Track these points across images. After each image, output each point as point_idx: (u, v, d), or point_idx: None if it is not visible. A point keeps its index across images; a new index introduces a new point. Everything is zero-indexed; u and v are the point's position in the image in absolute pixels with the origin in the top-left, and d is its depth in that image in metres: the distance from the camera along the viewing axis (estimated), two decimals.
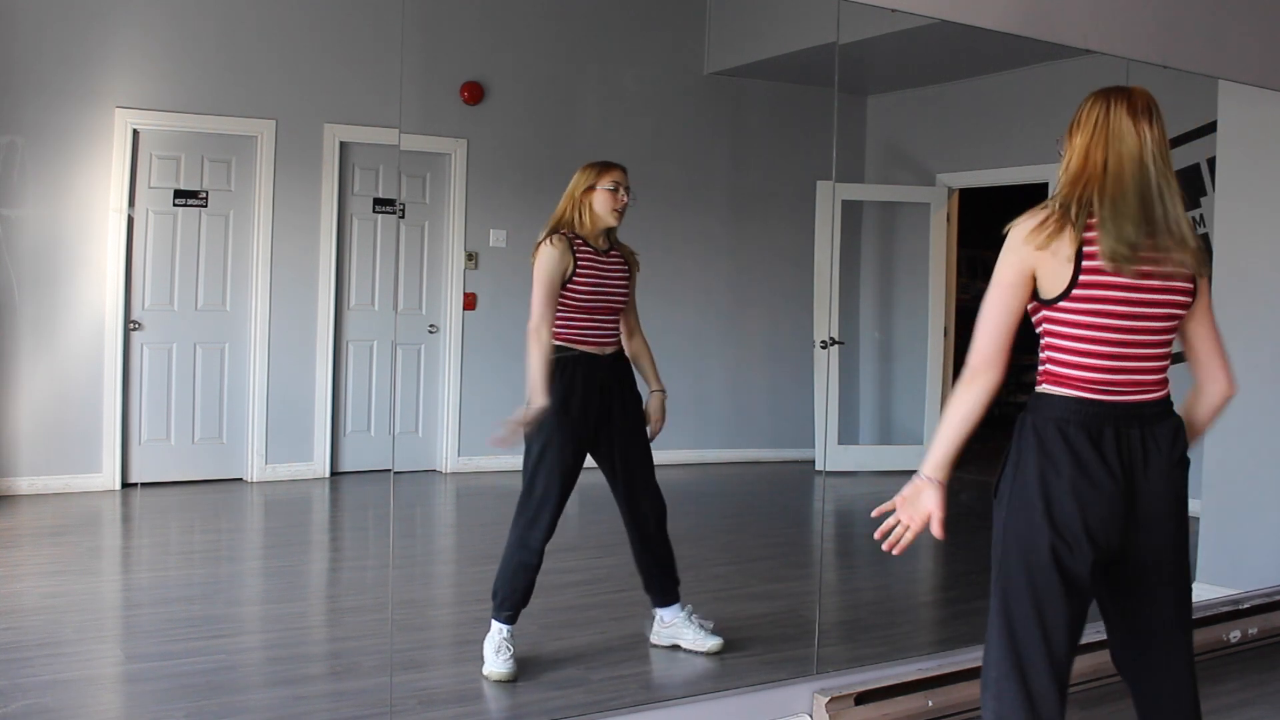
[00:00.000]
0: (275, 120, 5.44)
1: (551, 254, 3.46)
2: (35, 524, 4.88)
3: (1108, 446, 2.15)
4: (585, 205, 3.52)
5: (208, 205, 5.32)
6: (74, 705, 3.14)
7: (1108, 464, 2.14)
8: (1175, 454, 2.21)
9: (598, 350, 3.51)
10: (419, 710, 3.16)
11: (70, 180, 5.08)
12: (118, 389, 5.06)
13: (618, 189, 3.52)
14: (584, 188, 3.53)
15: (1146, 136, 2.17)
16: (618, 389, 3.56)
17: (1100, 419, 2.16)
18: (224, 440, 5.35)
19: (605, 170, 3.53)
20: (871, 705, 3.41)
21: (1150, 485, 2.17)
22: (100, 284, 5.11)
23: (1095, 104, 2.22)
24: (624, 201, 3.52)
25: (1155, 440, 2.19)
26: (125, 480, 5.06)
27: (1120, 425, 2.16)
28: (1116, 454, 2.15)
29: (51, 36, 5.00)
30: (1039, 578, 2.17)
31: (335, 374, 5.57)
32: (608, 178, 3.52)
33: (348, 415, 5.57)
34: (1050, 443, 2.16)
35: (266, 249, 5.42)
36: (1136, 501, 2.17)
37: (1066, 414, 2.15)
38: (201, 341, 5.31)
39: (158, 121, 5.20)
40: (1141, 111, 2.19)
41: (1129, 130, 2.17)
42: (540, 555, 3.44)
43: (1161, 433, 2.20)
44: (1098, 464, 2.14)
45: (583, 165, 3.57)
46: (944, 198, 6.41)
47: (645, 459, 3.64)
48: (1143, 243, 2.13)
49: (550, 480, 3.43)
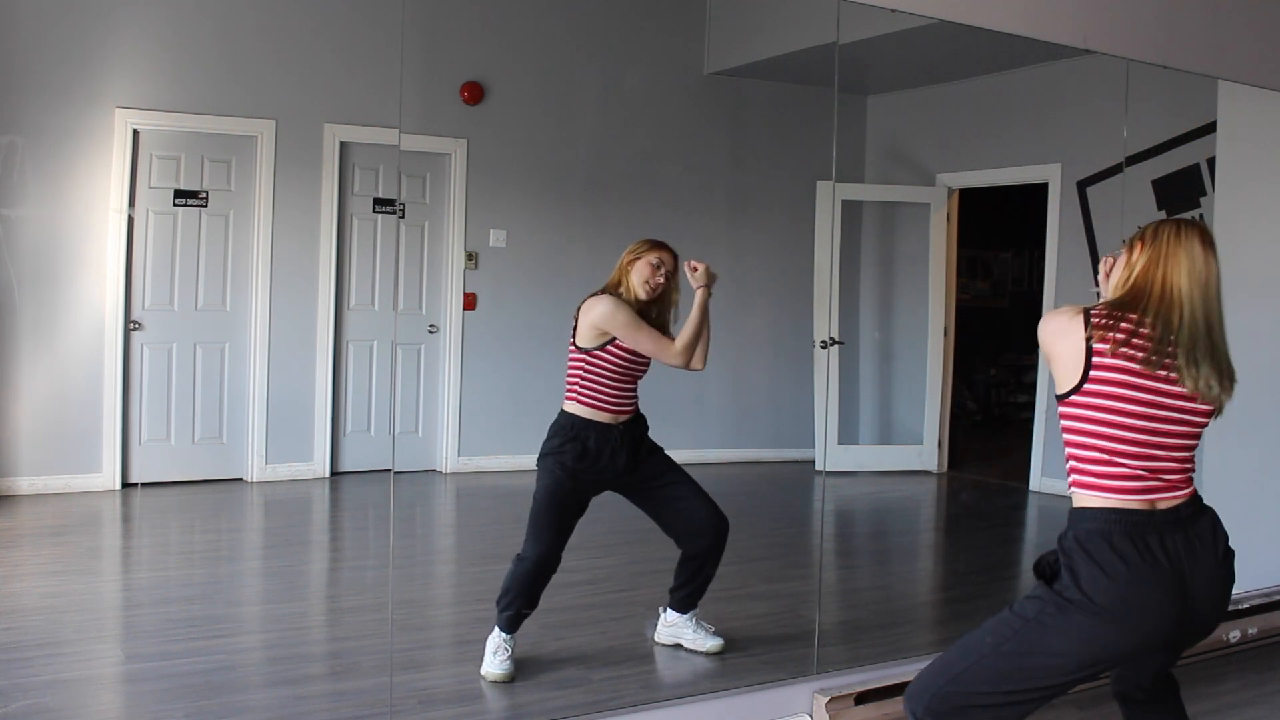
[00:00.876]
0: (275, 120, 5.44)
1: (625, 309, 3.42)
2: (35, 524, 4.88)
3: (1156, 552, 2.13)
4: (628, 276, 3.51)
5: (208, 205, 5.32)
6: (74, 705, 3.14)
7: (1158, 568, 2.12)
8: (1219, 549, 2.21)
9: (611, 420, 3.47)
10: (419, 710, 3.16)
11: (70, 180, 5.08)
12: (118, 389, 5.06)
13: (659, 267, 3.49)
14: (630, 257, 3.52)
15: (1213, 268, 2.19)
16: (630, 448, 3.50)
17: (1143, 528, 2.14)
18: (224, 440, 5.35)
19: (652, 248, 3.52)
20: (871, 705, 3.41)
21: (1202, 585, 2.16)
22: (100, 284, 5.11)
23: (1164, 227, 2.22)
24: (659, 283, 3.49)
25: (1199, 538, 2.18)
26: (125, 480, 5.06)
27: (1163, 533, 2.14)
28: (1165, 558, 2.13)
29: (51, 36, 5.00)
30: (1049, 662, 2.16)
31: (335, 374, 5.57)
32: (653, 254, 3.51)
33: (348, 415, 5.57)
34: (1104, 562, 2.12)
35: (266, 249, 5.42)
36: (1189, 603, 2.15)
37: (1108, 525, 2.13)
38: (201, 341, 5.31)
39: (158, 121, 5.20)
40: (1209, 245, 2.20)
41: (1200, 257, 2.18)
42: (554, 567, 3.45)
43: (1202, 529, 2.19)
44: (1150, 574, 2.11)
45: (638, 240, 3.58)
46: (944, 198, 6.41)
47: (685, 485, 3.58)
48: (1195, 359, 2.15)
49: (551, 518, 3.42)
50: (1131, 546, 2.11)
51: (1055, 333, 2.17)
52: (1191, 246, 2.17)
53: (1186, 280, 2.15)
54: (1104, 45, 4.01)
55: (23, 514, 4.88)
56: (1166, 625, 2.12)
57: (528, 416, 3.52)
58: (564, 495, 3.42)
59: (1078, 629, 2.11)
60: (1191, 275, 2.16)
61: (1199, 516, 2.20)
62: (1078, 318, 2.16)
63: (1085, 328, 2.14)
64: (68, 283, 5.09)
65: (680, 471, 3.60)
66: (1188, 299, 2.15)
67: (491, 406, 5.49)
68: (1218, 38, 4.35)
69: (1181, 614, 2.13)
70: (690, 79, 5.81)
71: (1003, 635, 2.19)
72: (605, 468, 3.45)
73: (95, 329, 5.09)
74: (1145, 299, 2.16)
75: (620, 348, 3.44)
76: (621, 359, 3.45)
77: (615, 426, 3.47)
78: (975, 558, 5.41)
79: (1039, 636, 2.14)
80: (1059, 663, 2.15)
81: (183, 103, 5.28)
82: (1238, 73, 4.44)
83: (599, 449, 3.43)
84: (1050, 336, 2.18)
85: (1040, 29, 3.88)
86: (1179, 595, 2.12)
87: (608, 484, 3.51)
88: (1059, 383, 2.19)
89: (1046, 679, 2.17)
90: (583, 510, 3.49)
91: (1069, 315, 2.18)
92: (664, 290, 3.52)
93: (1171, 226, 2.20)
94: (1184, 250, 2.16)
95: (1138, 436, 2.14)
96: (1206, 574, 2.16)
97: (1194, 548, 2.15)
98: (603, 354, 3.44)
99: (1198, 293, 2.15)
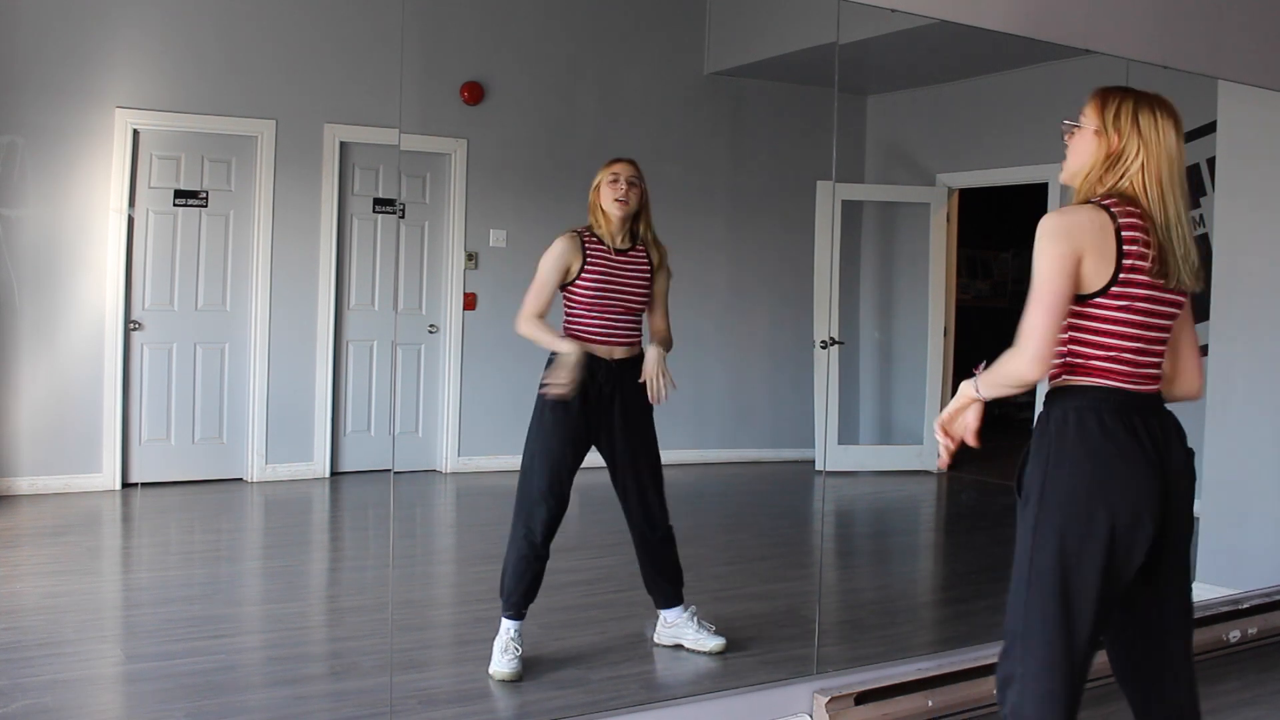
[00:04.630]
0: (275, 120, 5.44)
1: (552, 250, 3.46)
2: (35, 524, 4.88)
3: (1141, 432, 2.20)
4: (596, 203, 3.52)
5: (208, 205, 5.32)
6: (74, 705, 3.14)
7: (1144, 449, 2.19)
8: (1184, 438, 2.29)
9: (605, 353, 3.48)
10: (419, 710, 3.16)
11: (70, 180, 5.08)
12: (118, 389, 5.06)
13: (617, 180, 3.49)
14: (594, 185, 3.53)
15: (1185, 159, 2.25)
16: (619, 395, 3.49)
17: (1130, 407, 2.21)
18: (224, 440, 5.35)
19: (609, 164, 3.53)
20: (871, 705, 3.41)
21: (1174, 470, 2.24)
22: (100, 284, 5.11)
23: (1142, 110, 2.25)
24: (622, 189, 3.48)
25: (1171, 426, 2.27)
26: (125, 480, 5.06)
27: (1145, 414, 2.23)
28: (1148, 438, 2.21)
29: (51, 36, 5.00)
30: (1074, 577, 2.18)
31: (335, 374, 5.57)
32: (608, 170, 3.52)
33: (348, 415, 5.57)
34: (1089, 433, 2.18)
35: (266, 249, 5.43)
36: (1168, 487, 2.22)
37: (1097, 402, 2.19)
38: (201, 341, 5.31)
39: (158, 121, 5.20)
40: (1181, 133, 2.26)
41: (1176, 153, 2.23)
42: (543, 548, 3.43)
43: (1172, 422, 2.28)
44: (1136, 449, 2.18)
45: None
46: (944, 198, 6.41)
47: (654, 473, 3.59)
48: (1178, 261, 2.21)
49: (544, 476, 3.42)
50: (1118, 421, 2.19)
51: (1091, 231, 2.15)
52: (1169, 139, 2.23)
53: (1167, 177, 2.22)
54: (1104, 45, 4.01)
55: (23, 514, 4.88)
56: (1151, 499, 2.18)
57: (528, 416, 3.51)
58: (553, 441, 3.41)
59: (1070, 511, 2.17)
60: (1172, 174, 2.22)
61: (1164, 408, 2.30)
62: (1108, 220, 2.16)
63: (1116, 234, 2.16)
64: (68, 283, 5.09)
65: (655, 458, 3.60)
66: (1171, 198, 2.21)
67: (491, 406, 5.49)
68: (1218, 38, 4.35)
69: (1163, 490, 2.19)
70: (690, 79, 5.82)
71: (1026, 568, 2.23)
72: (589, 404, 3.42)
73: (95, 329, 5.09)
74: (1145, 200, 2.20)
75: (587, 278, 3.45)
76: (591, 288, 3.45)
77: (606, 361, 3.46)
78: (975, 558, 5.41)
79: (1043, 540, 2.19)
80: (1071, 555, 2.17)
81: (183, 103, 5.28)
82: (1238, 73, 4.44)
83: (585, 383, 3.40)
84: (1084, 234, 2.15)
85: (1040, 29, 3.88)
86: (1158, 471, 2.19)
87: (593, 426, 3.48)
88: (1086, 284, 2.18)
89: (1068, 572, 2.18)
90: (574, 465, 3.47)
91: (1096, 215, 2.17)
92: (636, 196, 3.51)
93: (1150, 117, 2.24)
94: (1164, 146, 2.22)
95: (1140, 333, 2.22)
96: (1179, 458, 2.24)
97: (1169, 434, 2.25)
98: (573, 288, 3.46)
99: (1179, 189, 2.23)
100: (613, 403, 3.49)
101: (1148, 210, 2.19)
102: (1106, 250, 2.15)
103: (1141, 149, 2.22)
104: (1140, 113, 2.24)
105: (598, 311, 3.47)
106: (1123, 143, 2.23)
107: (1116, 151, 2.24)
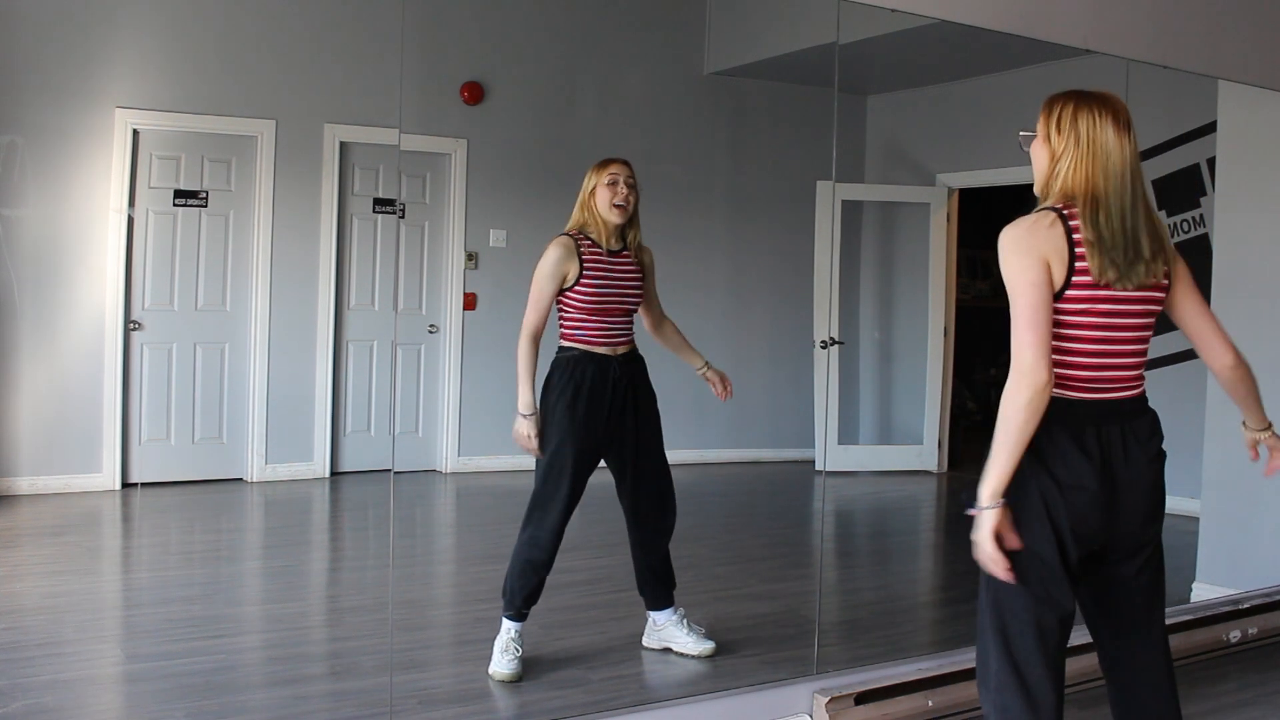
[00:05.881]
0: (275, 120, 5.44)
1: (548, 257, 3.44)
2: (35, 524, 4.89)
3: (1089, 443, 2.19)
4: (592, 206, 3.49)
5: (208, 205, 5.32)
6: (74, 705, 3.14)
7: (1090, 460, 2.18)
8: (1152, 448, 2.26)
9: (609, 351, 3.48)
10: (419, 710, 3.16)
11: (70, 180, 5.09)
12: (118, 389, 5.06)
13: (616, 182, 3.47)
14: (589, 189, 3.50)
15: (1128, 152, 2.22)
16: (630, 390, 3.49)
17: (1081, 418, 2.20)
18: (224, 440, 5.36)
19: (604, 166, 3.49)
20: (871, 705, 3.41)
21: (1130, 477, 2.22)
22: (100, 284, 5.11)
23: (1080, 112, 2.24)
24: (623, 194, 3.46)
25: (1135, 435, 2.24)
26: (125, 480, 5.07)
27: (1100, 423, 2.21)
28: (1098, 449, 2.19)
29: (51, 36, 5.00)
30: (1007, 594, 2.21)
31: (335, 374, 5.57)
32: (605, 172, 3.48)
33: (348, 415, 5.57)
34: (1035, 449, 2.17)
35: (266, 249, 5.43)
36: (1117, 494, 2.21)
37: (1048, 414, 2.16)
38: (201, 341, 5.31)
39: (158, 121, 5.20)
40: (1124, 126, 2.23)
41: (1115, 148, 2.21)
42: (549, 554, 3.42)
43: (1139, 427, 2.25)
44: (1081, 461, 2.17)
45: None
46: (944, 198, 6.41)
47: (659, 466, 3.59)
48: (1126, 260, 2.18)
49: (558, 481, 3.41)
50: (1068, 436, 2.17)
51: (1046, 236, 2.15)
52: (1107, 135, 2.20)
53: (1115, 173, 2.19)
54: (1104, 45, 4.01)
55: (23, 514, 4.89)
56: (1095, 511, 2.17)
57: None
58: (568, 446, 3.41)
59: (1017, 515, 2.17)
60: (1115, 169, 2.19)
61: (1140, 414, 2.26)
62: (1059, 222, 2.17)
63: (1067, 236, 2.16)
64: (68, 283, 5.09)
65: (661, 453, 3.60)
66: (1118, 194, 2.18)
67: (491, 406, 5.49)
68: (1218, 38, 4.35)
69: (1109, 503, 2.19)
70: (690, 79, 5.82)
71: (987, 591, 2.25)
72: (600, 403, 3.43)
73: (95, 329, 5.10)
74: (1088, 199, 2.18)
75: (587, 283, 3.43)
76: (591, 292, 3.44)
77: (612, 358, 3.46)
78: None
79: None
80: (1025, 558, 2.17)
81: (183, 103, 5.28)
82: (1238, 73, 4.44)
83: (596, 382, 3.41)
84: (1040, 239, 2.16)
85: (1040, 29, 3.88)
86: (1107, 483, 2.18)
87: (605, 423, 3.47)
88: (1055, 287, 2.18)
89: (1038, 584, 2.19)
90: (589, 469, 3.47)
91: (1047, 218, 2.17)
92: (634, 199, 3.49)
93: (1089, 117, 2.22)
94: (1101, 144, 2.20)
95: (1103, 335, 2.20)
96: (1136, 468, 2.22)
97: (1127, 441, 2.21)
98: (573, 294, 3.44)
99: (1128, 183, 2.19)
100: (624, 398, 3.49)
101: (1094, 210, 2.18)
102: (1062, 254, 2.16)
103: (1080, 148, 2.21)
104: (1079, 113, 2.23)
105: (599, 314, 3.46)
106: (1064, 145, 2.24)
107: (1059, 155, 2.25)
